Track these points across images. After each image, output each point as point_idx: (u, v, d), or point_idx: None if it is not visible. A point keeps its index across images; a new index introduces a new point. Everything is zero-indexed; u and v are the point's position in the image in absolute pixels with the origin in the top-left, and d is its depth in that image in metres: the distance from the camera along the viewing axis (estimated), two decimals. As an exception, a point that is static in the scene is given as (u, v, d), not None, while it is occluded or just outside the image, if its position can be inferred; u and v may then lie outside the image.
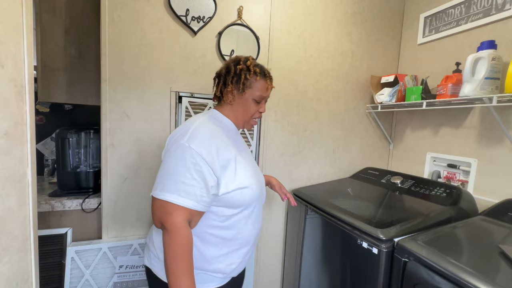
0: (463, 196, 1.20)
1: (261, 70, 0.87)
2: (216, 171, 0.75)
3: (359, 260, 1.03)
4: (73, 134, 1.25)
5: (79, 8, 1.31)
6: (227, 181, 0.77)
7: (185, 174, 0.71)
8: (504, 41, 1.22)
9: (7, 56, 0.55)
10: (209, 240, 0.79)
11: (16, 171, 0.59)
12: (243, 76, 0.84)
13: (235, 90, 0.85)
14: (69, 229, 1.21)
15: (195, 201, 0.71)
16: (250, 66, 0.85)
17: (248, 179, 0.82)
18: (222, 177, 0.76)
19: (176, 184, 0.71)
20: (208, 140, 0.75)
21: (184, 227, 0.71)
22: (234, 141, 0.86)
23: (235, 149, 0.82)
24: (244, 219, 0.84)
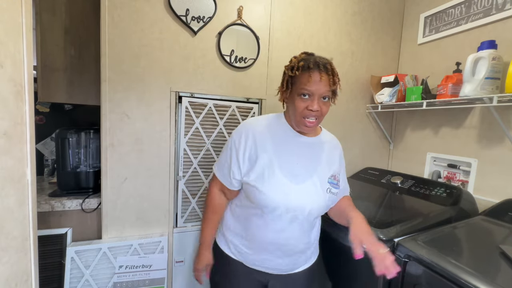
0: (463, 196, 1.20)
1: (305, 63, 0.80)
2: (240, 160, 0.86)
3: (359, 260, 1.03)
4: (73, 134, 1.25)
5: (79, 8, 1.31)
6: (249, 174, 0.85)
7: (222, 155, 0.93)
8: (504, 41, 1.21)
9: (6, 55, 0.55)
10: (232, 212, 0.96)
11: (15, 171, 0.58)
12: (287, 73, 0.85)
13: (284, 89, 0.86)
14: (69, 229, 1.21)
15: (222, 176, 0.91)
16: (294, 61, 0.84)
17: (266, 187, 0.82)
18: (245, 167, 0.86)
19: (219, 161, 0.94)
20: (246, 133, 0.87)
21: (213, 191, 0.95)
22: (282, 146, 0.86)
23: (276, 154, 0.85)
24: (257, 219, 0.86)
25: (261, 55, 1.41)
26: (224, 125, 1.38)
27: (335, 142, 0.98)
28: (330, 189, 0.87)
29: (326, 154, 0.91)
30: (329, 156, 0.91)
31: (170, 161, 1.30)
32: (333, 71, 0.81)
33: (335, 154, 0.94)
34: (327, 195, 0.87)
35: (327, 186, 0.87)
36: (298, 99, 0.81)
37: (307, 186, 0.85)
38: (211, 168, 1.39)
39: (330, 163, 0.91)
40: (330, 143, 0.95)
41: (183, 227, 1.36)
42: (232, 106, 1.38)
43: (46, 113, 1.64)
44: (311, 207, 0.84)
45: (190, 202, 1.37)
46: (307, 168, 0.86)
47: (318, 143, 0.91)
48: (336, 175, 0.91)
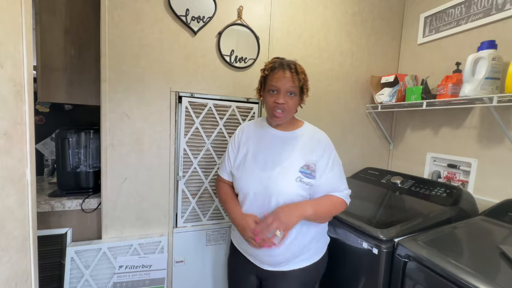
0: (463, 196, 1.20)
1: (273, 65, 0.94)
2: (232, 151, 1.05)
3: (359, 260, 1.03)
4: (73, 134, 1.24)
5: (79, 8, 1.31)
6: (234, 163, 1.03)
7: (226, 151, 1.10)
8: (504, 41, 1.21)
9: (6, 56, 0.55)
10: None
11: (15, 171, 0.58)
12: (261, 75, 0.98)
13: (259, 88, 1.01)
14: (69, 229, 1.21)
15: (222, 169, 1.09)
16: (266, 64, 0.98)
17: (240, 173, 0.99)
18: (233, 157, 1.04)
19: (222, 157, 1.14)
20: (239, 130, 1.08)
21: (218, 184, 1.11)
22: (260, 139, 1.01)
23: (253, 145, 1.00)
24: (240, 205, 0.99)
25: (261, 55, 1.41)
26: (224, 125, 1.38)
27: (318, 136, 0.99)
28: (301, 178, 0.92)
29: (301, 146, 0.96)
30: (305, 148, 0.95)
31: (170, 161, 1.30)
32: (296, 70, 0.91)
33: (314, 147, 0.95)
34: (296, 183, 0.91)
35: (297, 175, 0.92)
36: (268, 95, 0.94)
37: (275, 174, 0.92)
38: (211, 168, 1.38)
39: (304, 154, 0.94)
40: (310, 136, 0.98)
41: (183, 227, 1.36)
42: (232, 106, 1.38)
43: (46, 113, 1.64)
44: (277, 192, 0.91)
45: (190, 202, 1.37)
46: (277, 158, 0.95)
47: (293, 136, 0.99)
48: (310, 165, 0.93)
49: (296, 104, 0.95)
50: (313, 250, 0.99)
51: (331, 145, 0.98)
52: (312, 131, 1.01)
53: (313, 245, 0.98)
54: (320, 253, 1.02)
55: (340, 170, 0.98)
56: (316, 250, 1.00)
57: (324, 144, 0.96)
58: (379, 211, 1.22)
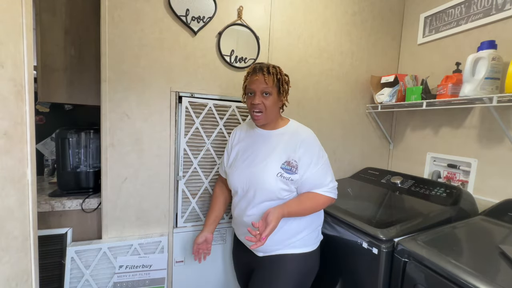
0: (463, 196, 1.20)
1: (251, 70, 1.01)
2: (228, 152, 1.16)
3: (359, 260, 1.03)
4: (73, 134, 1.24)
5: (79, 8, 1.31)
6: (227, 162, 1.14)
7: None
8: (504, 41, 1.22)
9: (6, 56, 0.55)
10: None
11: (15, 171, 0.58)
12: (243, 82, 1.05)
13: (243, 92, 1.07)
14: (69, 229, 1.21)
15: (220, 167, 1.22)
16: (247, 70, 1.04)
17: (230, 170, 1.09)
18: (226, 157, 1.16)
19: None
20: (234, 130, 1.18)
21: (216, 183, 1.27)
22: (248, 139, 1.09)
23: (243, 145, 1.09)
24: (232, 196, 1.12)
25: (261, 55, 1.42)
26: (224, 125, 1.38)
27: (300, 133, 1.02)
28: (281, 173, 0.96)
29: (283, 143, 1.00)
30: (287, 145, 0.99)
31: (170, 161, 1.30)
32: (269, 71, 0.97)
33: (296, 144, 0.98)
34: (277, 178, 0.96)
35: (278, 171, 0.97)
36: (247, 97, 1.03)
37: (258, 170, 0.99)
38: (211, 168, 1.39)
39: (286, 151, 0.98)
40: (292, 134, 1.02)
41: (183, 227, 1.36)
42: (232, 106, 1.38)
43: (46, 113, 1.64)
44: (260, 187, 0.98)
45: (190, 202, 1.37)
46: (261, 155, 1.01)
47: (276, 134, 1.04)
48: (291, 161, 0.97)
49: (273, 104, 0.99)
50: (300, 242, 1.02)
51: (314, 142, 1.01)
52: (295, 128, 1.04)
53: (298, 236, 1.02)
54: (307, 246, 1.04)
55: (324, 165, 1.00)
56: (302, 242, 1.03)
57: (307, 142, 0.99)
58: (379, 211, 1.23)
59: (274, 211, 0.89)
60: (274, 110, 1.00)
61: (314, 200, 0.99)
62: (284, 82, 1.01)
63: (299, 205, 0.97)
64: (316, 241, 1.08)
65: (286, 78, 1.03)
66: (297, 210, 0.96)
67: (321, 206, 1.03)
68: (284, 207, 0.93)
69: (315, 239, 1.08)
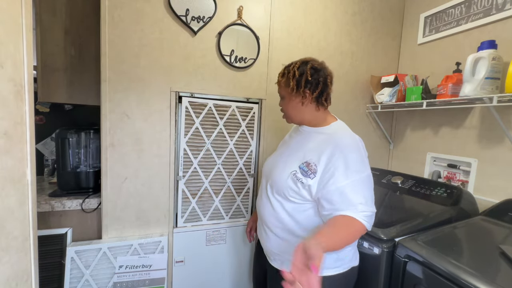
0: (464, 196, 1.20)
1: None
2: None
3: (360, 260, 1.03)
4: (73, 134, 1.25)
5: (79, 8, 1.31)
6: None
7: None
8: (504, 41, 1.21)
9: (6, 56, 0.55)
10: None
11: (15, 171, 0.58)
12: None
13: None
14: (69, 229, 1.21)
15: None
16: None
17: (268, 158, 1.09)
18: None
19: None
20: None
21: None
22: (294, 134, 1.05)
23: (288, 138, 1.08)
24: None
25: (261, 55, 1.41)
26: (224, 125, 1.38)
27: (337, 137, 0.88)
28: (296, 172, 0.87)
29: (315, 143, 0.90)
30: (317, 145, 0.88)
31: (170, 161, 1.30)
32: (283, 74, 0.93)
33: (325, 147, 0.86)
34: (290, 176, 0.88)
35: (294, 169, 0.88)
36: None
37: (279, 160, 0.97)
38: (211, 168, 1.39)
39: (312, 151, 0.88)
40: (329, 135, 0.90)
41: (183, 227, 1.36)
42: (232, 106, 1.38)
43: (46, 113, 1.64)
44: (272, 178, 0.94)
45: (190, 202, 1.37)
46: (290, 149, 0.98)
47: (314, 132, 0.94)
48: (311, 163, 0.85)
49: (289, 105, 0.93)
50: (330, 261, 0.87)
51: (352, 151, 0.84)
52: (335, 130, 0.92)
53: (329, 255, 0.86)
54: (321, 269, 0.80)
55: (359, 182, 0.81)
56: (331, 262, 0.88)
57: (340, 147, 0.84)
58: (380, 211, 1.22)
59: (318, 250, 0.62)
60: (296, 110, 0.93)
61: (350, 226, 0.77)
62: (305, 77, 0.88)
63: (335, 234, 0.74)
64: (334, 267, 0.88)
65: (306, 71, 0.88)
66: (335, 243, 0.73)
67: (356, 235, 0.80)
68: (322, 242, 0.66)
69: (333, 264, 0.88)
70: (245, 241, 1.49)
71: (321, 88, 0.89)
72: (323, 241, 0.67)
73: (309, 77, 0.88)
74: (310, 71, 0.88)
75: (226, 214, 1.45)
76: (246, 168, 1.46)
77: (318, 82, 0.88)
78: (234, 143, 1.41)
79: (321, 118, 0.94)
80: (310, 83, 0.88)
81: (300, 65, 0.91)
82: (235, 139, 1.41)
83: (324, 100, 0.91)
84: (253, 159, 1.47)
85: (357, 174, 0.81)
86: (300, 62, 0.92)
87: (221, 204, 1.43)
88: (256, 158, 1.48)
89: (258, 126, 1.46)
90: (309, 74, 0.88)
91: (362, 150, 0.87)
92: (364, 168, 0.83)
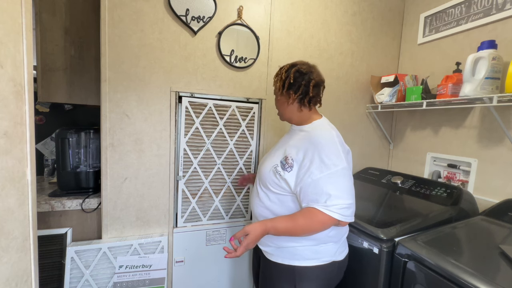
0: (464, 196, 1.20)
1: None
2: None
3: (359, 260, 1.03)
4: (73, 134, 1.24)
5: (79, 8, 1.31)
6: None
7: None
8: (504, 41, 1.22)
9: (6, 56, 0.55)
10: None
11: (15, 171, 0.58)
12: None
13: None
14: (69, 229, 1.21)
15: None
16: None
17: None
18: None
19: None
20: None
21: None
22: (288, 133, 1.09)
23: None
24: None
25: (261, 55, 1.41)
26: (224, 125, 1.38)
27: (314, 133, 0.93)
28: (276, 166, 0.95)
29: (294, 140, 0.98)
30: (295, 142, 0.96)
31: (170, 161, 1.30)
32: (276, 75, 1.00)
33: (302, 142, 0.92)
34: (271, 169, 0.96)
35: (276, 163, 0.96)
36: None
37: (268, 157, 1.03)
38: (211, 168, 1.39)
39: (292, 147, 0.95)
40: (309, 132, 0.95)
41: (183, 227, 1.36)
42: (232, 106, 1.38)
43: (46, 113, 1.64)
44: (261, 170, 1.02)
45: (190, 202, 1.37)
46: (278, 146, 1.05)
47: (298, 129, 1.01)
48: (288, 157, 0.92)
49: (279, 104, 1.02)
50: (289, 253, 0.93)
51: (327, 145, 0.87)
52: (315, 127, 0.96)
53: (289, 245, 0.93)
54: (297, 259, 0.92)
55: (333, 175, 0.84)
56: (292, 254, 0.93)
57: (315, 142, 0.88)
58: (380, 210, 1.22)
59: (255, 223, 0.85)
60: (283, 109, 1.01)
61: (308, 216, 0.83)
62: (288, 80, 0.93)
63: (289, 220, 0.85)
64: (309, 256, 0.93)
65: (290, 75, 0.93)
66: (286, 227, 0.85)
67: (318, 226, 0.84)
68: (268, 221, 0.86)
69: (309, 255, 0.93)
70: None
71: (302, 91, 0.94)
72: (268, 224, 0.85)
73: (291, 80, 0.94)
74: (293, 75, 0.94)
75: (226, 214, 1.45)
76: (246, 168, 1.46)
77: (300, 85, 0.94)
78: (234, 143, 1.41)
79: (305, 117, 0.99)
80: (293, 85, 0.95)
81: (288, 68, 0.97)
82: (235, 139, 1.41)
83: (307, 102, 0.96)
84: (253, 159, 1.47)
85: (331, 167, 0.84)
86: (289, 65, 0.99)
87: (221, 204, 1.43)
88: (256, 158, 1.48)
89: (258, 126, 1.46)
90: (292, 77, 0.94)
91: (338, 145, 0.89)
92: (339, 162, 0.86)
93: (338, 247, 0.96)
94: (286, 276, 0.95)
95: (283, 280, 0.95)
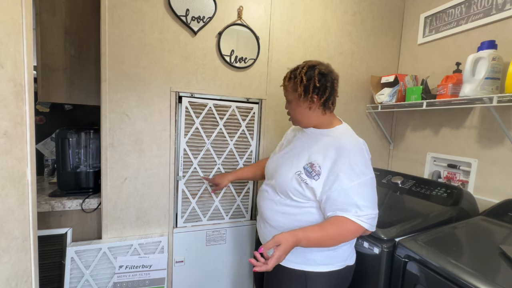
0: (464, 196, 1.20)
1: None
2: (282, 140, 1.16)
3: (360, 260, 1.03)
4: (73, 134, 1.24)
5: (79, 8, 1.31)
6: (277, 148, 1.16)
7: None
8: (504, 41, 1.22)
9: (6, 56, 0.55)
10: None
11: (15, 171, 0.58)
12: None
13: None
14: (69, 229, 1.21)
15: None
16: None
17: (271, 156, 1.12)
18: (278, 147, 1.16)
19: None
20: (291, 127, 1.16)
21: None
22: (292, 136, 1.08)
23: (291, 137, 1.07)
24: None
25: (261, 55, 1.41)
26: (224, 125, 1.38)
27: (342, 140, 0.89)
28: (300, 173, 0.89)
29: (318, 145, 0.92)
30: (320, 147, 0.90)
31: (170, 161, 1.30)
32: (290, 78, 0.93)
33: (330, 149, 0.88)
34: (294, 176, 0.90)
35: (299, 169, 0.90)
36: None
37: (284, 160, 0.98)
38: (211, 168, 1.39)
39: (316, 153, 0.90)
40: (334, 138, 0.91)
41: (183, 227, 1.36)
42: (232, 106, 1.38)
43: (46, 113, 1.64)
44: (277, 177, 0.96)
45: (190, 202, 1.37)
46: (295, 150, 0.98)
47: (319, 133, 0.95)
48: (315, 164, 0.87)
49: (298, 111, 0.93)
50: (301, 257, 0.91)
51: (356, 154, 0.86)
52: (340, 133, 0.93)
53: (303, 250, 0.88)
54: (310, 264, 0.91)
55: (363, 185, 0.84)
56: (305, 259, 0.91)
57: (344, 150, 0.85)
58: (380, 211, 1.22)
59: (286, 233, 0.77)
60: (302, 114, 0.93)
61: (339, 226, 0.82)
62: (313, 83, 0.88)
63: (319, 230, 0.82)
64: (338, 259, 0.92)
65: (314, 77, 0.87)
66: (317, 237, 0.81)
67: (349, 235, 0.84)
68: (299, 231, 0.80)
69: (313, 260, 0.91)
70: (245, 241, 1.49)
71: (329, 93, 0.89)
72: (299, 234, 0.78)
73: (317, 83, 0.87)
74: (318, 77, 0.88)
75: (226, 214, 1.45)
76: (246, 168, 1.46)
77: (326, 87, 0.88)
78: (234, 143, 1.41)
79: (327, 121, 0.95)
80: (318, 89, 0.88)
81: (307, 70, 0.89)
82: (235, 139, 1.41)
83: (331, 104, 0.92)
84: (253, 159, 1.47)
85: (361, 176, 0.83)
86: (307, 66, 0.90)
87: (221, 204, 1.43)
88: (256, 158, 1.47)
89: (258, 126, 1.46)
90: (317, 80, 0.87)
91: (366, 153, 0.88)
92: (367, 171, 0.86)
93: (351, 251, 0.96)
94: (297, 281, 0.91)
95: (294, 285, 0.91)
